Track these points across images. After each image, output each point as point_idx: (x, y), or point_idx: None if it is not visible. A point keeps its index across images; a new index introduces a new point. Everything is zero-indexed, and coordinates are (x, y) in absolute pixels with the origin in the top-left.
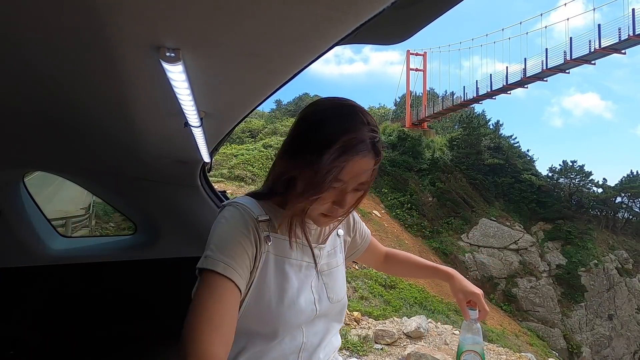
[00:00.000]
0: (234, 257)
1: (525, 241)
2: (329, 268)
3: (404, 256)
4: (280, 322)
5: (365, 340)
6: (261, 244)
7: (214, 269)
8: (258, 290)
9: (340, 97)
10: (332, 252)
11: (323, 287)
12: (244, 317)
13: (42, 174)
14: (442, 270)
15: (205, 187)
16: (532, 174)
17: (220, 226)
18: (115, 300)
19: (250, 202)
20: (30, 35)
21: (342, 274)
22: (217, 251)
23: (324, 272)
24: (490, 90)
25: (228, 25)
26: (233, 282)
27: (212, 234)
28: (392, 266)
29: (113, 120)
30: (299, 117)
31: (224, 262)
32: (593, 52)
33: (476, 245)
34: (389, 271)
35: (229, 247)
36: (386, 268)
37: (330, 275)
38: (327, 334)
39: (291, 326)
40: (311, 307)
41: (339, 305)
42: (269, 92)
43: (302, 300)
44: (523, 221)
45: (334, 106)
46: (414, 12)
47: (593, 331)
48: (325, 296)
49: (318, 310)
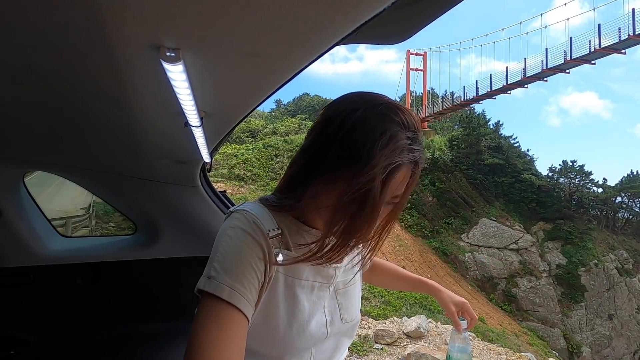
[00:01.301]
0: (242, 279)
1: (525, 241)
2: (344, 286)
3: (389, 267)
4: (287, 348)
5: (365, 340)
6: (271, 263)
7: (219, 294)
8: (265, 311)
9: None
10: (349, 267)
11: (337, 308)
12: (249, 338)
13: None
14: (428, 283)
15: (206, 187)
16: (532, 173)
17: (226, 239)
18: (115, 300)
19: (261, 212)
20: (31, 36)
21: (358, 291)
22: (222, 272)
23: (339, 291)
24: (490, 90)
25: (228, 25)
26: (240, 310)
27: (216, 248)
28: (379, 278)
29: (113, 120)
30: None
31: (230, 286)
32: (593, 52)
33: (476, 245)
34: (372, 281)
35: (236, 266)
36: (371, 279)
37: (346, 293)
38: (336, 351)
39: (299, 351)
40: (322, 331)
41: (352, 323)
42: (269, 92)
43: (312, 324)
44: (523, 221)
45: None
46: (414, 12)
47: (593, 331)
48: (339, 317)
49: (329, 333)
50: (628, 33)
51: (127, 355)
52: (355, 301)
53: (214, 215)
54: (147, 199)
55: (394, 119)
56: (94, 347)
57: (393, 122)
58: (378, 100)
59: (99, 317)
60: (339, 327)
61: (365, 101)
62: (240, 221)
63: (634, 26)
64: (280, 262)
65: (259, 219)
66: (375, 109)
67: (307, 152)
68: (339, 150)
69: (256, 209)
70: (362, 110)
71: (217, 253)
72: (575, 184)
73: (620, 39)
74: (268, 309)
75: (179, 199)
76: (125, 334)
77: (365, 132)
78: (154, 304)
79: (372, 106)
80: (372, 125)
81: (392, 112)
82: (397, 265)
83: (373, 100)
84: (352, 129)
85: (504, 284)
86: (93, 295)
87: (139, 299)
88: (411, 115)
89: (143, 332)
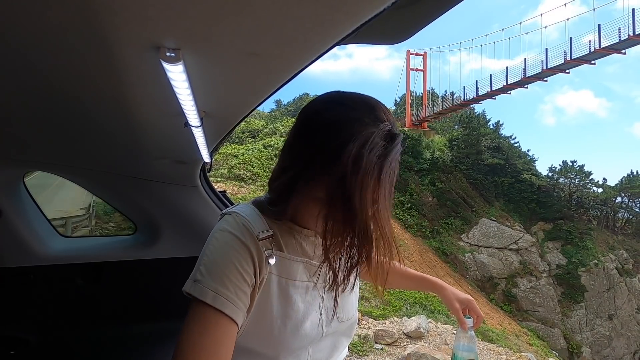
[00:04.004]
0: (227, 283)
1: (525, 241)
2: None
3: (394, 268)
4: (282, 347)
5: (365, 340)
6: (263, 265)
7: (203, 299)
8: (259, 312)
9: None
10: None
11: (332, 307)
12: (243, 336)
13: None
14: (431, 280)
15: (206, 187)
16: (532, 174)
17: (214, 243)
18: (115, 300)
19: (252, 214)
20: (31, 36)
21: (355, 290)
22: (207, 276)
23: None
24: (490, 90)
25: (228, 25)
26: (225, 314)
27: (203, 251)
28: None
29: (113, 120)
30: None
31: (215, 290)
32: (593, 52)
33: (476, 245)
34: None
35: (222, 270)
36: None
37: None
38: (334, 351)
39: (294, 350)
40: (317, 330)
41: (348, 322)
42: (269, 92)
43: (307, 324)
44: (523, 221)
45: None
46: (414, 12)
47: (593, 331)
48: (335, 317)
49: (325, 332)
50: (628, 33)
51: (127, 355)
52: (352, 300)
53: (213, 215)
54: (147, 199)
55: (367, 122)
56: (94, 347)
57: (367, 124)
58: (354, 101)
59: (99, 317)
60: (335, 327)
61: (342, 103)
62: (230, 224)
63: (634, 26)
64: (272, 264)
65: (249, 221)
66: (351, 112)
67: (287, 157)
68: (313, 154)
69: (247, 211)
70: (336, 113)
71: (204, 256)
72: (575, 184)
73: (620, 39)
74: (262, 309)
75: (179, 199)
76: (125, 334)
77: (338, 135)
78: (154, 304)
79: (348, 108)
80: (346, 128)
81: (367, 113)
82: (399, 265)
83: (350, 101)
84: (327, 132)
85: (504, 284)
86: (93, 295)
87: (139, 299)
88: (387, 114)
89: (143, 332)
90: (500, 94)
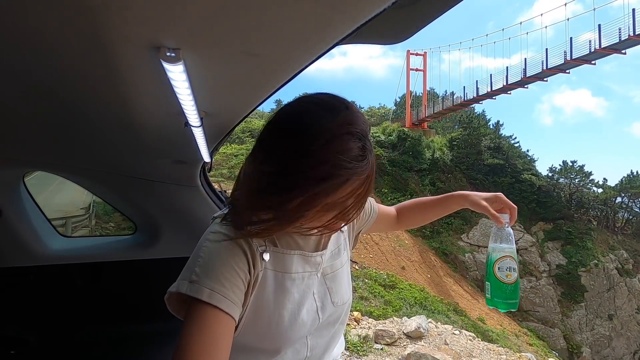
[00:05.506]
0: (222, 281)
1: (525, 241)
2: (332, 270)
3: (413, 203)
4: (282, 340)
5: (365, 340)
6: (257, 262)
7: (199, 297)
8: (256, 307)
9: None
10: (336, 251)
11: (327, 292)
12: (242, 334)
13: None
14: (453, 196)
15: (206, 187)
16: (532, 174)
17: (207, 244)
18: (115, 300)
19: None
20: (31, 35)
21: (347, 274)
22: (202, 275)
23: (327, 276)
24: (490, 90)
25: (228, 25)
26: (223, 310)
27: (197, 253)
28: (407, 219)
29: (113, 120)
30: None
31: (210, 288)
32: (593, 52)
33: (476, 245)
34: (405, 226)
35: (217, 269)
36: (402, 225)
37: (335, 278)
38: (332, 340)
39: (294, 341)
40: (314, 317)
41: (344, 306)
42: (269, 92)
43: (304, 312)
44: (523, 221)
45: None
46: (414, 12)
47: (593, 331)
48: (330, 301)
49: (321, 319)
50: (628, 33)
51: (127, 355)
52: (345, 283)
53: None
54: (147, 199)
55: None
56: (94, 347)
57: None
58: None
59: (98, 317)
60: (330, 311)
61: (308, 112)
62: (221, 226)
63: (634, 26)
64: (266, 259)
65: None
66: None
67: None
68: (279, 164)
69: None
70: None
71: (199, 258)
72: (575, 184)
73: (621, 39)
74: (259, 305)
75: (179, 199)
76: (125, 334)
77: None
78: (154, 304)
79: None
80: (311, 133)
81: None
82: (418, 198)
83: (319, 108)
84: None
85: None
86: (93, 295)
87: (139, 299)
88: (358, 124)
89: (143, 332)
90: (501, 93)
